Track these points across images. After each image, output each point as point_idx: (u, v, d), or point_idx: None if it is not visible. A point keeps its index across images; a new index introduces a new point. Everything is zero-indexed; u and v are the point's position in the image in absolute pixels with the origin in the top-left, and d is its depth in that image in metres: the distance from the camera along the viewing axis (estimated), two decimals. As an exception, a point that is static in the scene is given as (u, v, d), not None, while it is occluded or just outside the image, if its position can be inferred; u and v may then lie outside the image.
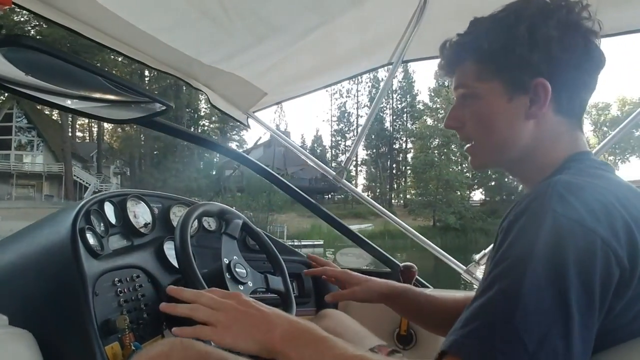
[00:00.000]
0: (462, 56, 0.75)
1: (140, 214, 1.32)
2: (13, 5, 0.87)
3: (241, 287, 1.12)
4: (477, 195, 36.45)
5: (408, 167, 37.00)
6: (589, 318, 0.52)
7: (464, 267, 1.68)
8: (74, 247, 0.98)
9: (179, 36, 1.34)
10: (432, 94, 35.55)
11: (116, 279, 1.05)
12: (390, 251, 1.90)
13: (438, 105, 31.95)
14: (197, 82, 1.60)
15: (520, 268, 0.53)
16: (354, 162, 39.45)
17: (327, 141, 42.29)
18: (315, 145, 41.99)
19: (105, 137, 36.85)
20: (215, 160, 32.68)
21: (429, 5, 1.43)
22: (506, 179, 33.29)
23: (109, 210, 1.21)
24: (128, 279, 1.09)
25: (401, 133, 39.98)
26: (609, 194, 0.58)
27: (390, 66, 1.72)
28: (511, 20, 0.70)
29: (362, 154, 40.52)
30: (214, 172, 31.60)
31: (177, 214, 1.42)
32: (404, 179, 38.32)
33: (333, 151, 42.56)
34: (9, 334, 0.87)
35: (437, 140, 32.52)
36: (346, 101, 42.16)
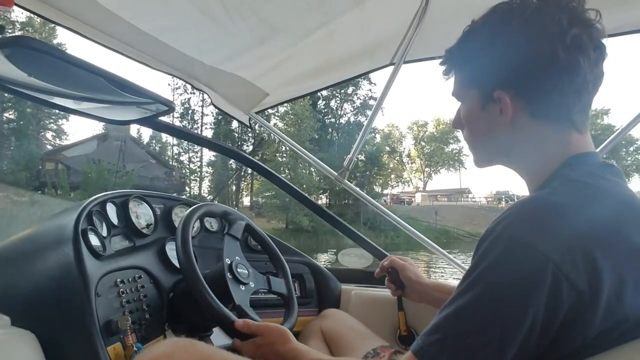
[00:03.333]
0: (451, 65, 0.79)
1: (143, 214, 1.32)
2: (14, 6, 0.87)
3: (242, 288, 1.12)
4: (323, 199, 35.31)
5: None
6: (526, 338, 0.55)
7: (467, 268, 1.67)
8: (77, 248, 0.98)
9: (180, 37, 1.34)
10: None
11: (118, 279, 1.05)
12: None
13: (288, 110, 31.51)
14: (199, 82, 1.60)
15: (472, 290, 0.58)
16: (199, 163, 38.17)
17: (169, 138, 38.53)
18: (154, 141, 37.89)
19: None
20: (33, 150, 27.22)
21: (430, 5, 1.42)
22: (354, 183, 32.28)
23: (111, 211, 1.21)
24: (130, 279, 1.09)
25: (249, 135, 38.23)
26: (581, 213, 0.58)
27: (392, 67, 1.71)
28: (478, 28, 0.73)
29: (208, 154, 38.13)
30: (35, 165, 26.43)
31: (179, 215, 1.42)
32: (252, 181, 36.50)
33: (175, 149, 39.03)
34: (12, 335, 0.86)
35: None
36: (190, 97, 38.46)
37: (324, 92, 36.56)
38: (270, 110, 36.41)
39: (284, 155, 32.31)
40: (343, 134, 35.49)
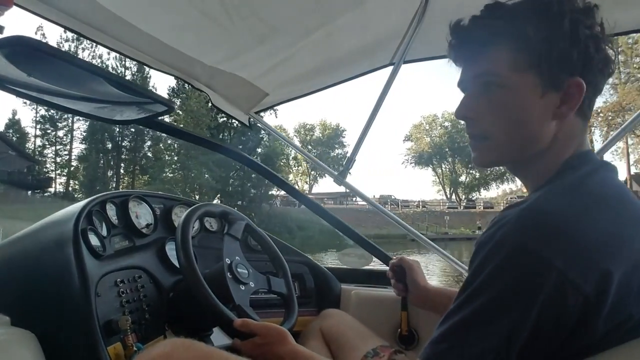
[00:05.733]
0: (495, 40, 0.68)
1: (142, 214, 1.32)
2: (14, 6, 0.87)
3: (242, 287, 1.12)
4: (216, 200, 33.55)
5: (136, 167, 34.14)
6: (533, 343, 0.55)
7: (467, 268, 1.67)
8: (77, 248, 0.98)
9: (180, 37, 1.34)
10: (171, 93, 32.60)
11: (118, 279, 1.05)
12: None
13: (182, 104, 30.37)
14: (199, 82, 1.60)
15: (476, 300, 0.58)
16: (68, 157, 35.44)
17: (29, 128, 35.58)
18: (11, 130, 34.48)
19: None
20: None
21: (430, 5, 1.42)
22: (249, 184, 31.77)
23: (110, 211, 1.21)
24: (130, 279, 1.09)
25: (132, 130, 34.55)
26: (581, 218, 0.58)
27: (392, 66, 1.71)
28: (555, 11, 0.65)
29: (80, 147, 35.33)
30: None
31: (178, 215, 1.42)
32: (133, 180, 34.23)
33: (39, 140, 35.81)
34: (12, 335, 0.87)
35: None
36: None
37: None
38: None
39: (174, 153, 29.87)
40: (236, 133, 33.76)
